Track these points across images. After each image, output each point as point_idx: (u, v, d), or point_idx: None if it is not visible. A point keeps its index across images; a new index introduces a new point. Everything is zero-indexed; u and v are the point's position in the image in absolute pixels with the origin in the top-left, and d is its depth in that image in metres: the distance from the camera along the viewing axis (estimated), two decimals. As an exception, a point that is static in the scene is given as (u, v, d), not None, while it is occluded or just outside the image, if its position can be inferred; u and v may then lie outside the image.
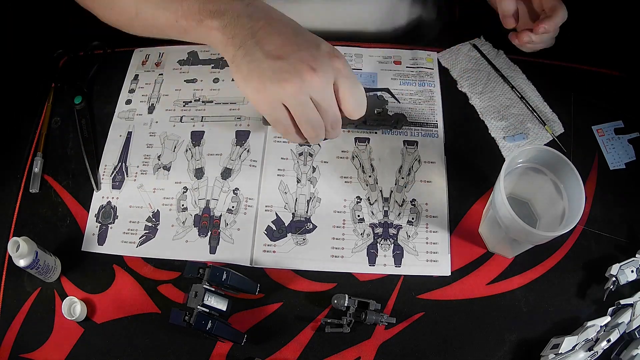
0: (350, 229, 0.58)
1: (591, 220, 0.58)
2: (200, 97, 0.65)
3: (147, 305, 0.54)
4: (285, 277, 0.56)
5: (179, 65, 0.68)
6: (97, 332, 0.53)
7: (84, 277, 0.56)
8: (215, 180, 0.60)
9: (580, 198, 0.47)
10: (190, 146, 0.62)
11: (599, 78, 0.67)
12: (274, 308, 0.54)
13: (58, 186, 0.60)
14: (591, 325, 0.52)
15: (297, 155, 0.62)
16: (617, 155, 0.62)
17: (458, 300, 0.55)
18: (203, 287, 0.50)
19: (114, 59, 0.69)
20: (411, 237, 0.57)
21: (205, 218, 0.58)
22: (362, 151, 0.62)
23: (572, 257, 0.57)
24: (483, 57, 0.67)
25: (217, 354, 0.52)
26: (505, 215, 0.48)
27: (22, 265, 0.51)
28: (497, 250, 0.57)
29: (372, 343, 0.53)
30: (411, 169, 0.61)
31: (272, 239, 0.57)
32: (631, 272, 0.54)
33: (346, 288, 0.55)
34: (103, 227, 0.58)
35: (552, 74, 0.67)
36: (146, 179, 0.60)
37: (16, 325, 0.54)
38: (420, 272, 0.56)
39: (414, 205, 0.59)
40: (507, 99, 0.65)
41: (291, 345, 0.53)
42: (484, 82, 0.66)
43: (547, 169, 0.52)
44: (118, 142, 0.63)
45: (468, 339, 0.53)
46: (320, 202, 0.59)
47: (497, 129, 0.63)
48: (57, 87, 0.66)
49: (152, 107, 0.65)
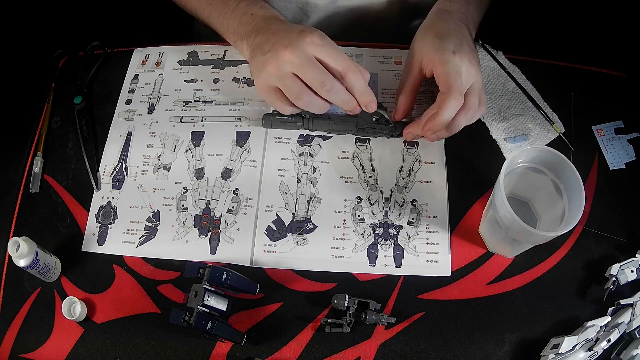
0: (350, 229, 0.58)
1: (591, 220, 0.58)
2: (200, 97, 0.65)
3: (147, 305, 0.54)
4: (285, 277, 0.56)
5: (179, 66, 0.68)
6: (97, 332, 0.53)
7: (84, 277, 0.56)
8: (216, 180, 0.60)
9: (580, 198, 0.47)
10: (190, 146, 0.62)
11: (599, 78, 0.67)
12: (274, 308, 0.54)
13: (58, 186, 0.60)
14: (591, 325, 0.52)
15: (298, 156, 0.62)
16: (617, 155, 0.62)
17: (458, 300, 0.55)
18: (203, 287, 0.50)
19: (114, 59, 0.69)
20: (411, 238, 0.57)
21: (206, 218, 0.58)
22: (363, 151, 0.62)
23: (572, 257, 0.57)
24: (489, 55, 0.67)
25: (217, 354, 0.52)
26: (505, 215, 0.48)
27: (22, 265, 0.51)
28: (497, 250, 0.57)
29: (372, 343, 0.53)
30: (412, 170, 0.61)
31: (272, 239, 0.57)
32: (631, 272, 0.54)
33: (346, 288, 0.55)
34: (103, 227, 0.58)
35: (552, 74, 0.67)
36: (146, 179, 0.60)
37: (16, 325, 0.54)
38: (420, 272, 0.56)
39: (414, 205, 0.59)
40: (508, 100, 0.65)
41: (291, 345, 0.53)
42: (484, 84, 0.66)
43: (547, 169, 0.52)
44: (118, 142, 0.63)
45: (468, 339, 0.53)
46: (320, 202, 0.59)
47: (498, 130, 0.63)
48: (57, 87, 0.66)
49: (152, 107, 0.65)
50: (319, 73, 0.54)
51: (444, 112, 0.53)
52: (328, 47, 0.54)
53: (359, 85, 0.55)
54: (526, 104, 0.64)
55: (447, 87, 0.53)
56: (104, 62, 0.69)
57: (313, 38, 0.54)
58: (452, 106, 0.53)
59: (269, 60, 0.54)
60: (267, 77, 0.55)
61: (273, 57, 0.54)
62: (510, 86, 0.66)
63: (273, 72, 0.55)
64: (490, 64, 0.67)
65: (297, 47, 0.53)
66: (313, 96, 0.55)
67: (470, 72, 0.54)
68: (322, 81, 0.54)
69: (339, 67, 0.54)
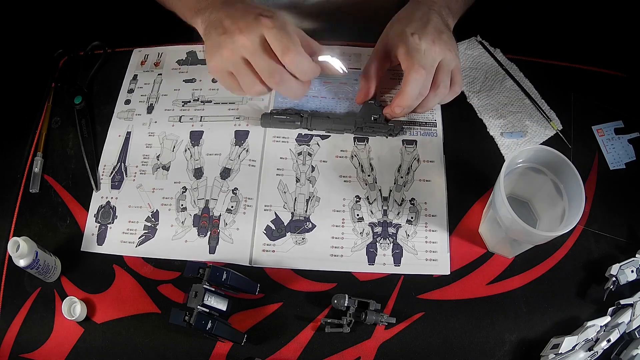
0: (349, 228, 0.58)
1: (591, 220, 0.58)
2: (199, 97, 0.65)
3: (147, 305, 0.54)
4: (285, 277, 0.56)
5: (178, 65, 0.68)
6: (97, 332, 0.53)
7: (84, 277, 0.56)
8: (215, 180, 0.60)
9: (580, 198, 0.47)
10: (189, 146, 0.62)
11: (599, 78, 0.67)
12: (274, 308, 0.54)
13: (58, 186, 0.60)
14: (591, 325, 0.52)
15: (296, 155, 0.62)
16: (617, 155, 0.62)
17: (458, 300, 0.55)
18: (203, 287, 0.50)
19: (114, 59, 0.69)
20: (410, 236, 0.57)
21: (205, 218, 0.58)
22: (361, 150, 0.62)
23: (572, 257, 0.57)
24: (487, 52, 0.67)
25: (217, 354, 0.52)
26: (505, 215, 0.48)
27: (22, 265, 0.51)
28: (497, 250, 0.57)
29: (372, 343, 0.53)
30: (410, 168, 0.61)
31: (271, 239, 0.57)
32: (631, 272, 0.54)
33: (346, 288, 0.55)
34: (102, 227, 0.58)
35: (552, 73, 0.67)
36: (145, 178, 0.61)
37: (16, 325, 0.54)
38: (419, 271, 0.56)
39: (413, 204, 0.59)
40: (505, 97, 0.65)
41: (291, 345, 0.53)
42: (482, 81, 0.66)
43: (547, 169, 0.52)
44: (117, 142, 0.63)
45: (468, 339, 0.53)
46: (319, 201, 0.59)
47: (495, 127, 0.63)
48: (57, 87, 0.66)
49: (151, 107, 0.65)
50: (268, 63, 0.52)
51: (407, 86, 0.55)
52: (278, 29, 0.51)
53: (301, 66, 0.53)
54: (524, 101, 0.64)
55: (408, 63, 0.55)
56: (104, 62, 0.69)
57: (266, 21, 0.51)
58: (414, 79, 0.55)
59: (223, 43, 0.53)
60: (221, 61, 0.54)
61: (228, 41, 0.52)
62: (508, 83, 0.66)
63: (227, 57, 0.53)
64: (489, 61, 0.68)
65: (250, 31, 0.51)
66: (263, 87, 0.55)
67: (434, 49, 0.55)
68: (270, 71, 0.53)
69: (278, 49, 0.52)
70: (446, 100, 0.60)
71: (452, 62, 0.57)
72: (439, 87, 0.57)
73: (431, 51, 0.55)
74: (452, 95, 0.60)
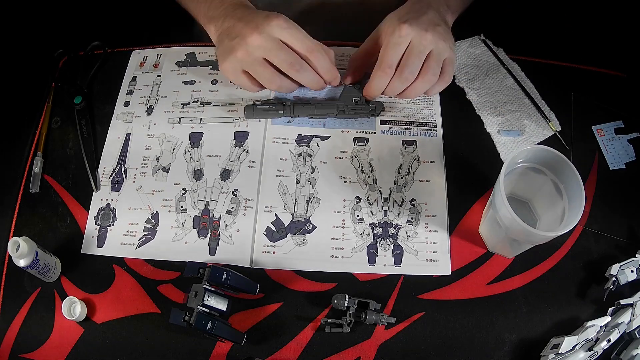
0: (349, 229, 0.58)
1: (591, 220, 0.58)
2: (198, 99, 0.65)
3: (147, 305, 0.54)
4: (285, 277, 0.56)
5: (177, 67, 0.68)
6: (97, 332, 0.53)
7: (84, 277, 0.56)
8: (215, 181, 0.60)
9: (580, 198, 0.47)
10: (189, 147, 0.62)
11: (599, 78, 0.67)
12: (274, 308, 0.54)
13: (58, 186, 0.60)
14: (591, 325, 0.52)
15: (296, 156, 0.62)
16: (617, 155, 0.62)
17: (458, 300, 0.55)
18: (203, 287, 0.50)
19: (114, 59, 0.69)
20: (411, 237, 0.57)
21: (205, 219, 0.58)
22: (361, 151, 0.62)
23: (572, 257, 0.57)
24: (489, 50, 0.67)
25: (217, 354, 0.52)
26: (505, 215, 0.48)
27: (22, 265, 0.51)
28: (497, 250, 0.57)
29: (372, 343, 0.53)
30: (410, 169, 0.61)
31: (271, 240, 0.57)
32: (631, 272, 0.54)
33: (346, 288, 0.55)
34: (102, 229, 0.58)
35: (552, 73, 0.67)
36: (145, 180, 0.60)
37: (16, 325, 0.54)
38: (420, 271, 0.56)
39: (413, 204, 0.59)
40: (505, 95, 0.65)
41: (291, 345, 0.53)
42: (482, 78, 0.66)
43: (547, 169, 0.52)
44: (116, 144, 0.63)
45: (468, 339, 0.53)
46: (319, 202, 0.59)
47: (492, 124, 0.63)
48: (57, 87, 0.66)
49: (150, 108, 0.65)
50: (287, 55, 0.57)
51: (372, 82, 0.60)
52: (293, 29, 0.56)
53: (324, 64, 0.59)
54: (523, 101, 0.64)
55: (379, 59, 0.59)
56: (104, 62, 0.69)
57: (279, 22, 0.56)
58: (379, 76, 0.59)
59: (237, 46, 0.56)
60: (235, 62, 0.58)
61: (242, 43, 0.56)
62: (509, 82, 0.66)
63: (242, 57, 0.57)
64: (490, 59, 0.68)
65: (264, 32, 0.55)
66: (283, 79, 0.59)
67: (426, 36, 0.57)
68: (290, 63, 0.57)
69: (303, 48, 0.57)
70: (435, 90, 0.62)
71: (445, 52, 0.58)
72: (427, 74, 0.58)
73: (422, 38, 0.57)
74: (441, 85, 0.61)
